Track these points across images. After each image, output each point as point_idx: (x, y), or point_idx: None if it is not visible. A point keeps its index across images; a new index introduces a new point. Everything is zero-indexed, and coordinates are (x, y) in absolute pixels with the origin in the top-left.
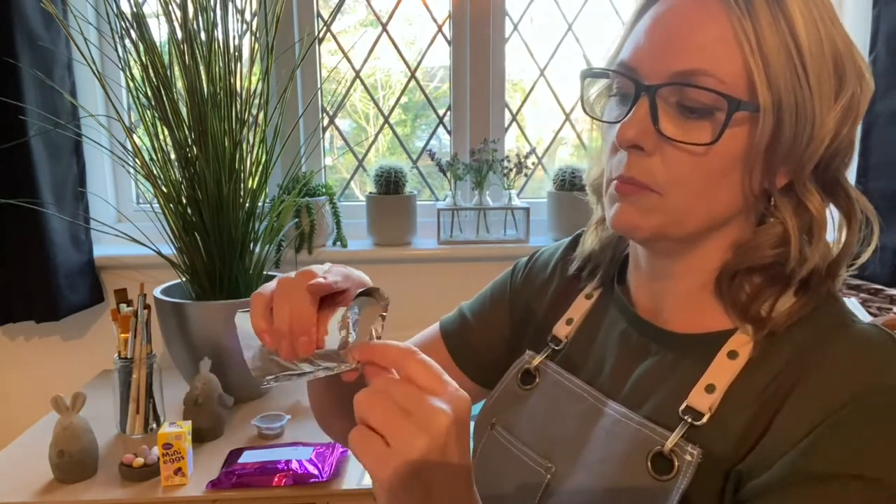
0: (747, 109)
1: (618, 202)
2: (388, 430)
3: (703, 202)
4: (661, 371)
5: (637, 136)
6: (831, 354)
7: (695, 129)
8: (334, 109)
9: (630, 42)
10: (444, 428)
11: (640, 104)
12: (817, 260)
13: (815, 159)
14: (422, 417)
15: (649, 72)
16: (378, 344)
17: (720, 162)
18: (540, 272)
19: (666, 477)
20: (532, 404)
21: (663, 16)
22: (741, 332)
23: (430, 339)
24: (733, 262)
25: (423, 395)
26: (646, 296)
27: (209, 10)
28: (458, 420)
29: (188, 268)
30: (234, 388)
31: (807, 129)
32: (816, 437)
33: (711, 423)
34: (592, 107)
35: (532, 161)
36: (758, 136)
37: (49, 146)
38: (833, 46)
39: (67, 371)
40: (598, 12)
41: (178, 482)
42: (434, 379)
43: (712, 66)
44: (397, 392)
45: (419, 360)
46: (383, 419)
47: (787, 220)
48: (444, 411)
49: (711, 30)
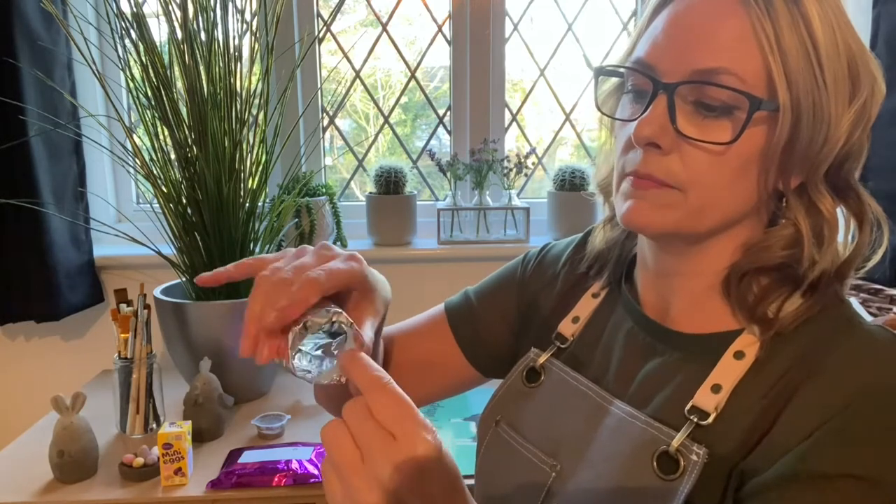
0: (767, 109)
1: (632, 199)
2: (344, 477)
3: (720, 201)
4: (667, 370)
5: (654, 133)
6: (837, 355)
7: (713, 127)
8: (334, 109)
9: (646, 39)
10: (396, 482)
11: (657, 102)
12: (827, 262)
13: (828, 161)
14: (371, 469)
15: (668, 69)
16: (357, 361)
17: (738, 161)
18: (550, 267)
19: (671, 476)
20: (537, 402)
21: (682, 13)
22: (748, 333)
23: (434, 321)
24: (743, 262)
25: (381, 442)
26: (653, 295)
27: (209, 10)
28: (416, 467)
29: (188, 268)
30: (234, 388)
31: (822, 131)
32: (819, 436)
33: (717, 423)
34: (603, 104)
35: (532, 161)
36: (776, 136)
37: (49, 146)
38: (848, 49)
39: (67, 371)
40: (598, 12)
41: (178, 482)
42: (397, 419)
43: (733, 65)
44: (357, 430)
45: (386, 395)
46: (342, 463)
47: (799, 221)
48: (403, 460)
49: (731, 28)
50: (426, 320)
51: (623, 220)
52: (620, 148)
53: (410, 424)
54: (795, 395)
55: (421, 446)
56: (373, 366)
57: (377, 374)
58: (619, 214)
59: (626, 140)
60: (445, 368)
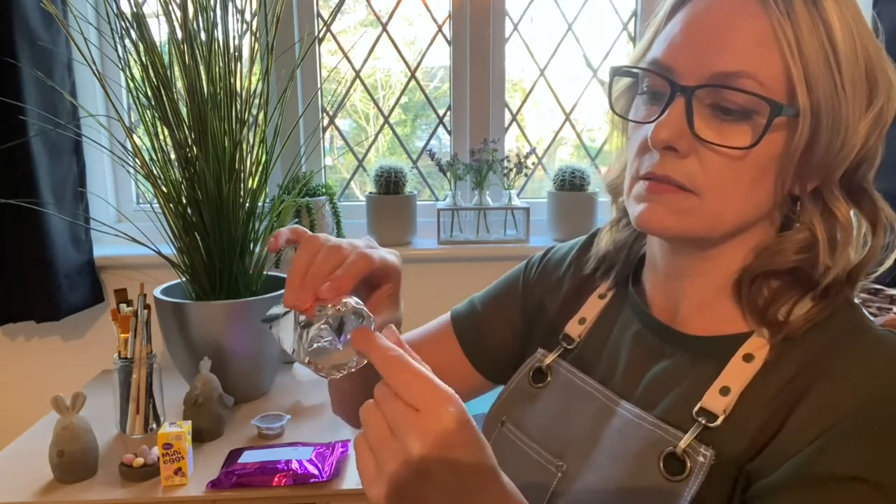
0: (788, 114)
1: (646, 202)
2: (378, 451)
3: (737, 205)
4: (675, 372)
5: (671, 136)
6: (847, 359)
7: (731, 131)
8: (334, 109)
9: (663, 40)
10: (421, 453)
11: (675, 105)
12: (840, 266)
13: (844, 166)
14: (400, 443)
15: (686, 72)
16: (372, 341)
17: (756, 165)
18: (554, 270)
19: (678, 478)
20: (543, 403)
21: (701, 15)
22: (757, 336)
23: (441, 329)
24: (755, 265)
25: (406, 416)
26: (662, 297)
27: (209, 10)
28: (440, 438)
29: (188, 268)
30: (234, 388)
31: (840, 136)
32: (827, 439)
33: (725, 425)
34: (615, 104)
35: (532, 161)
36: (795, 141)
37: (49, 146)
38: (866, 53)
39: (67, 371)
40: (598, 12)
41: (178, 482)
42: (418, 394)
43: (753, 68)
44: (386, 409)
45: (404, 372)
46: (374, 439)
47: (815, 225)
48: (426, 432)
49: (752, 31)
50: (433, 329)
51: (637, 222)
52: (634, 150)
53: (431, 397)
54: (805, 398)
55: (444, 417)
56: (388, 345)
57: (393, 352)
58: (633, 216)
59: (641, 142)
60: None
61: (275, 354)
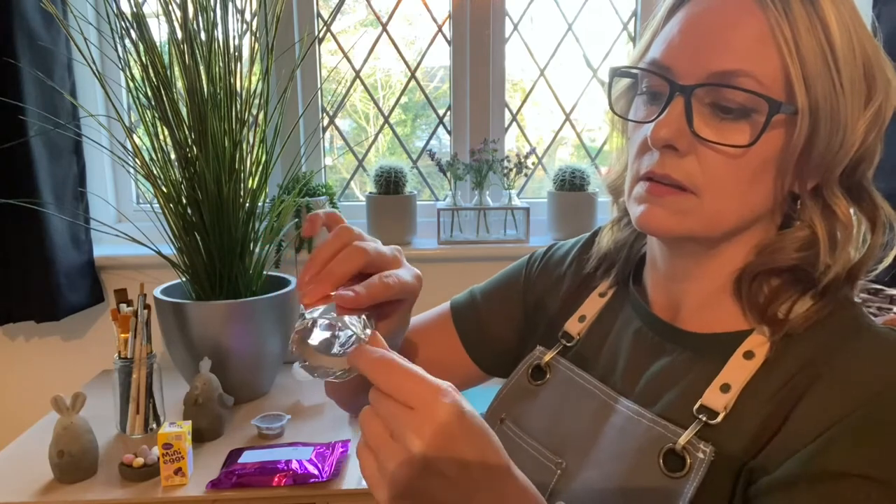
0: (786, 112)
1: (646, 203)
2: (379, 455)
3: (737, 204)
4: (675, 370)
5: (671, 136)
6: (847, 356)
7: (730, 130)
8: (334, 109)
9: (661, 40)
10: (424, 450)
11: (674, 104)
12: (840, 264)
13: (843, 164)
14: (400, 443)
15: (684, 71)
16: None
17: (755, 164)
18: (556, 267)
19: (678, 474)
20: (543, 400)
21: (699, 15)
22: (758, 333)
23: (439, 319)
24: (756, 263)
25: (401, 416)
26: (662, 296)
27: (209, 10)
28: (440, 432)
29: (188, 268)
30: (234, 388)
31: (839, 134)
32: (829, 436)
33: (726, 423)
34: (615, 104)
35: (532, 161)
36: (794, 139)
37: (49, 146)
38: (863, 51)
39: (67, 371)
40: (598, 12)
41: (178, 482)
42: (410, 392)
43: (752, 67)
44: (382, 411)
45: (392, 373)
46: (374, 443)
47: (815, 223)
48: (424, 428)
49: (750, 30)
50: (431, 318)
51: (638, 223)
52: (635, 150)
53: (425, 393)
54: (806, 395)
55: (440, 410)
56: (373, 350)
57: (377, 355)
58: (634, 217)
59: (641, 142)
60: (449, 366)
61: (275, 354)
